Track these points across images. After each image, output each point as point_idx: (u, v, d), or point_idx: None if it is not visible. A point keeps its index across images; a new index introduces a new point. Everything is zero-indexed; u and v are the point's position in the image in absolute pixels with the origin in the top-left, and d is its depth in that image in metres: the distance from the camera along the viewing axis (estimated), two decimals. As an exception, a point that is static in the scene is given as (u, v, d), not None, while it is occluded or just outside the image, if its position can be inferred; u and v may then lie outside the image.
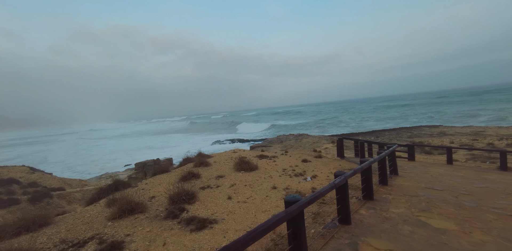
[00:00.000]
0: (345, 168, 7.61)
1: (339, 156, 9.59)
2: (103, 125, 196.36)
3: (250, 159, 8.67)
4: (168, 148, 46.19)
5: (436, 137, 21.60)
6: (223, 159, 8.92)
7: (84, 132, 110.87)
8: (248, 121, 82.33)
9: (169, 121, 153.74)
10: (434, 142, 18.41)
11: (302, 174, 6.57)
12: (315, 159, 9.05)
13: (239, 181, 5.82)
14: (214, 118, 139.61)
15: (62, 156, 40.35)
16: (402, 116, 52.85)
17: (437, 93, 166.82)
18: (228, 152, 11.46)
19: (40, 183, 15.14)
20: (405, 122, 42.84)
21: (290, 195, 2.32)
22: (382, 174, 5.51)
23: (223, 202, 4.38)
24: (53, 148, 52.50)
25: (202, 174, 6.62)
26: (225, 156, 9.82)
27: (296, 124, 61.62)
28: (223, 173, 6.62)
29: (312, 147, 22.04)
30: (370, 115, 62.20)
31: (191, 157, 9.53)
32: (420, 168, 7.96)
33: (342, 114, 75.91)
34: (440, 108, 58.20)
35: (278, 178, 6.13)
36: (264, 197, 4.60)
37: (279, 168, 7.29)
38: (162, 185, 5.81)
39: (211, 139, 51.35)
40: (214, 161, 8.55)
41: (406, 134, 25.97)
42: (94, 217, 3.87)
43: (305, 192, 4.95)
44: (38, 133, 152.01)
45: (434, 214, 3.70)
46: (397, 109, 67.30)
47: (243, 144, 42.53)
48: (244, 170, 6.83)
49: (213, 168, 7.34)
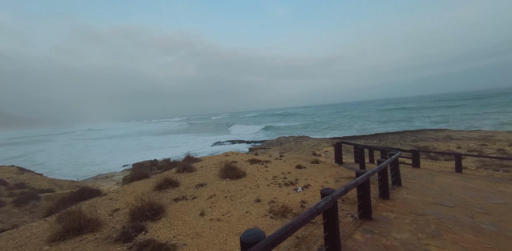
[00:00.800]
0: (342, 176, 6.89)
1: (337, 162, 8.86)
2: (105, 125, 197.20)
3: (240, 164, 8.00)
4: (168, 148, 45.69)
5: (442, 141, 20.70)
6: (211, 163, 8.27)
7: (83, 131, 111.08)
8: (244, 123, 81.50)
9: (168, 122, 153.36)
10: (440, 146, 17.55)
11: (294, 183, 5.87)
12: (311, 165, 8.34)
13: (221, 191, 5.14)
14: (213, 119, 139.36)
15: (58, 156, 40.03)
16: (406, 119, 51.80)
17: (441, 96, 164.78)
18: (220, 155, 10.80)
19: (29, 184, 14.62)
20: (409, 126, 41.84)
21: (249, 231, 1.64)
22: (382, 186, 4.80)
23: (194, 219, 3.71)
24: (50, 147, 52.33)
25: (182, 181, 5.96)
26: (215, 160, 9.15)
27: (294, 126, 60.83)
28: (206, 181, 5.95)
29: (311, 150, 21.29)
30: (373, 118, 61.16)
31: (178, 160, 8.90)
32: (426, 177, 7.21)
33: (344, 116, 74.91)
34: (445, 111, 57.00)
35: (265, 187, 5.44)
36: (244, 213, 3.92)
37: (270, 175, 6.60)
38: (135, 193, 5.16)
39: (212, 140, 50.76)
40: (201, 165, 7.89)
41: (410, 138, 25.07)
42: (34, 237, 3.23)
43: (292, 207, 4.26)
44: (42, 131, 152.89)
45: (447, 241, 2.99)
46: (400, 112, 66.15)
47: (242, 145, 41.89)
48: (230, 177, 6.15)
49: (197, 174, 6.68)
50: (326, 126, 55.31)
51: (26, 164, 33.59)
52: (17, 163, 34.22)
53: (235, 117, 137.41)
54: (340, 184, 5.97)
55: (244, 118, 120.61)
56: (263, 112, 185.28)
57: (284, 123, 69.71)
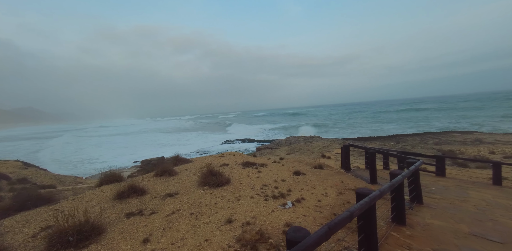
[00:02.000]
0: (347, 186, 5.67)
1: (344, 168, 7.60)
2: (120, 122, 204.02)
3: (230, 168, 7.02)
4: (178, 145, 45.78)
5: (470, 144, 18.47)
6: (199, 166, 7.34)
7: (95, 127, 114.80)
8: (252, 122, 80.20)
9: (178, 120, 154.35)
10: (469, 151, 15.50)
11: (285, 195, 4.78)
12: (313, 171, 7.16)
13: (190, 204, 4.18)
14: (221, 118, 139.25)
15: (70, 152, 41.30)
16: (427, 120, 48.29)
17: (467, 96, 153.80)
18: (215, 156, 9.89)
19: (31, 180, 14.65)
20: (430, 127, 38.78)
21: None
22: (396, 206, 3.59)
23: (131, 249, 2.77)
24: (64, 142, 54.44)
25: (152, 188, 5.07)
26: (206, 161, 8.24)
27: (306, 125, 58.90)
28: (180, 189, 5.02)
29: (321, 151, 19.87)
30: (390, 118, 57.79)
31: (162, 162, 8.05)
32: (456, 191, 5.81)
33: (360, 116, 71.63)
34: (470, 112, 52.48)
35: (247, 200, 4.41)
36: (201, 242, 2.91)
37: (259, 183, 5.55)
38: (90, 203, 4.33)
39: (223, 138, 50.23)
40: (186, 168, 6.99)
41: (433, 140, 22.83)
42: None
43: (271, 232, 3.18)
44: (65, 127, 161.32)
45: None
46: (421, 113, 61.92)
47: (252, 144, 41.02)
48: (210, 185, 5.18)
49: (175, 180, 5.77)
50: (339, 125, 53.01)
51: (39, 158, 34.83)
52: (30, 156, 35.59)
53: (245, 116, 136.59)
54: (342, 198, 4.80)
55: (254, 117, 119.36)
56: (274, 111, 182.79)
57: (295, 123, 67.98)
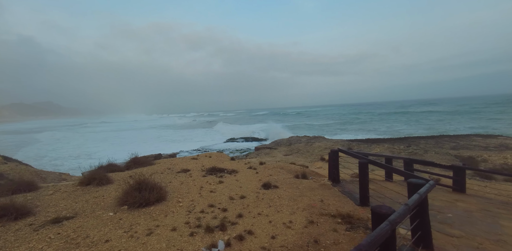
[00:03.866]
0: (325, 210, 4.08)
1: (331, 179, 5.98)
2: (128, 117, 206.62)
3: (188, 175, 5.61)
4: (180, 142, 45.01)
5: (493, 150, 16.11)
6: (150, 172, 5.98)
7: (96, 123, 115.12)
8: (242, 122, 77.73)
9: (179, 117, 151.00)
10: (493, 158, 13.30)
11: (226, 226, 3.28)
12: (290, 182, 5.61)
13: (69, 240, 2.78)
14: (221, 116, 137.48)
15: (68, 146, 41.27)
16: (443, 121, 44.99)
17: (492, 98, 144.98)
18: (186, 158, 8.51)
19: (8, 176, 13.89)
20: (445, 129, 35.83)
21: None
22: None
23: None
24: (72, 136, 55.02)
25: (49, 206, 3.73)
26: (168, 165, 6.87)
27: (313, 125, 56.70)
28: (85, 209, 3.65)
29: (321, 153, 18.11)
30: (403, 119, 54.55)
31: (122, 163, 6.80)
32: (483, 220, 4.11)
33: (371, 116, 68.38)
34: (494, 115, 48.44)
35: (162, 235, 2.96)
36: None
37: (206, 202, 4.09)
38: None
39: (229, 136, 48.74)
40: (130, 175, 5.62)
41: (449, 144, 20.50)
42: None
43: None
44: (80, 121, 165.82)
45: None
46: (436, 114, 58.05)
47: (254, 144, 39.63)
48: (131, 204, 3.77)
49: (99, 192, 4.41)
50: (348, 126, 50.51)
51: (28, 153, 34.71)
52: (22, 150, 35.67)
53: (243, 115, 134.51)
54: (311, 233, 3.24)
55: (254, 116, 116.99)
56: (278, 111, 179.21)
57: (299, 122, 65.89)
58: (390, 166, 4.28)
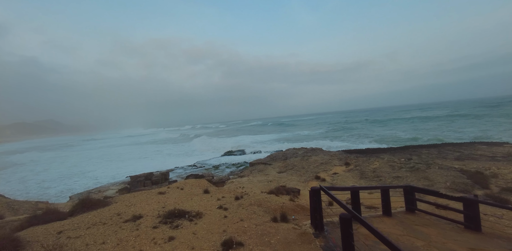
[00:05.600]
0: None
1: (313, 225, 4.86)
2: (117, 133, 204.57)
3: (135, 226, 4.51)
4: (177, 156, 43.66)
5: (501, 161, 14.92)
6: (83, 225, 4.88)
7: (84, 140, 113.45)
8: (226, 135, 76.20)
9: (172, 131, 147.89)
10: (503, 171, 12.11)
11: None
12: (264, 231, 4.50)
13: None
14: (213, 128, 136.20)
15: (69, 165, 40.09)
16: (444, 127, 43.92)
17: (489, 100, 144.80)
18: (152, 193, 7.39)
19: (-25, 209, 12.77)
20: (447, 136, 34.69)
21: None
22: None
23: None
24: (70, 153, 53.86)
25: None
26: (119, 208, 5.77)
27: (309, 135, 55.63)
28: None
29: (317, 169, 16.89)
30: (404, 126, 53.51)
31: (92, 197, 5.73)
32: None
33: (370, 124, 67.39)
34: (491, 119, 47.40)
35: None
36: None
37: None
38: None
39: (228, 148, 47.16)
40: (57, 236, 4.53)
41: (453, 154, 19.31)
42: None
43: None
44: (79, 138, 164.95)
45: None
46: (436, 120, 57.03)
47: (249, 156, 38.38)
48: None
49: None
50: (346, 135, 49.37)
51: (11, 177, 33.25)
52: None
53: (237, 125, 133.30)
54: None
55: (246, 127, 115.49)
56: (274, 120, 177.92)
57: (295, 133, 64.88)
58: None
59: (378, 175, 12.93)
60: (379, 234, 2.65)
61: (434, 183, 10.58)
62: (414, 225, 5.73)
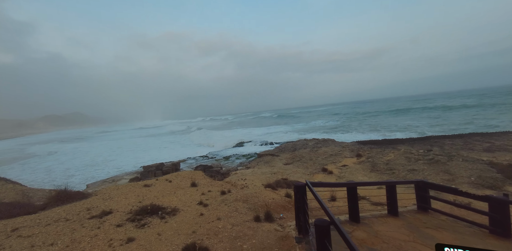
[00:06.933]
0: None
1: (298, 228, 4.15)
2: (145, 123, 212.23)
3: (98, 224, 4.10)
4: (193, 147, 44.19)
5: (540, 153, 13.05)
6: (58, 217, 4.55)
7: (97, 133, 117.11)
8: (226, 128, 74.76)
9: (182, 123, 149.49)
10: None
11: None
12: (240, 233, 3.90)
13: None
14: (222, 120, 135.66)
15: (92, 155, 41.97)
16: (470, 117, 40.18)
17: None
18: (137, 185, 7.04)
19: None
20: (476, 125, 31.62)
21: None
22: None
23: None
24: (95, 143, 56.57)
25: None
26: (93, 202, 5.43)
27: (322, 126, 53.73)
28: None
29: (326, 161, 15.91)
30: (426, 116, 49.87)
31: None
32: None
33: (388, 113, 63.69)
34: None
35: None
36: None
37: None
38: None
39: (241, 138, 46.85)
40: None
41: (481, 145, 17.42)
42: None
43: None
44: (104, 129, 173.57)
45: None
46: (463, 109, 52.38)
47: (263, 147, 37.93)
48: None
49: None
50: (362, 125, 47.04)
51: (35, 166, 35.27)
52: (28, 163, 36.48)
53: (243, 118, 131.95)
54: None
55: (254, 119, 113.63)
56: (283, 111, 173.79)
57: (309, 124, 63.06)
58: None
59: (391, 168, 11.79)
60: (353, 248, 1.89)
61: (456, 178, 9.34)
62: (425, 227, 4.82)
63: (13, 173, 31.20)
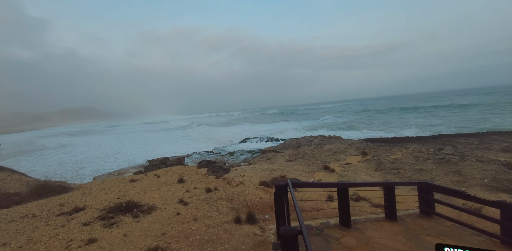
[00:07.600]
0: None
1: (277, 231, 3.75)
2: (151, 118, 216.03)
3: (64, 222, 3.84)
4: (200, 142, 44.35)
5: None
6: (27, 212, 4.32)
7: (104, 127, 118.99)
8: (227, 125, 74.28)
9: (188, 118, 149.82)
10: None
11: None
12: (213, 236, 3.55)
13: None
14: (228, 116, 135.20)
15: (105, 147, 42.78)
16: (489, 115, 37.97)
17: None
18: (123, 179, 6.82)
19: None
20: (493, 123, 29.84)
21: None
22: None
23: None
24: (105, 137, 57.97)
25: None
26: (76, 195, 5.21)
27: (331, 123, 52.49)
28: None
29: (329, 159, 15.32)
30: (439, 113, 47.69)
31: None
32: None
33: (400, 111, 61.42)
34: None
35: None
36: None
37: None
38: None
39: (247, 134, 46.65)
40: None
41: (499, 144, 16.23)
42: None
43: None
44: (116, 123, 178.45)
45: None
46: (482, 107, 49.58)
47: (267, 144, 37.51)
48: None
49: None
50: (371, 123, 45.61)
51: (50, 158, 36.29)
52: None
53: (248, 114, 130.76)
54: None
55: (259, 115, 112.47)
56: (291, 108, 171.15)
57: (318, 120, 61.83)
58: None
59: (396, 167, 11.10)
60: None
61: (467, 179, 8.61)
62: (426, 234, 4.29)
63: (27, 164, 32.33)
